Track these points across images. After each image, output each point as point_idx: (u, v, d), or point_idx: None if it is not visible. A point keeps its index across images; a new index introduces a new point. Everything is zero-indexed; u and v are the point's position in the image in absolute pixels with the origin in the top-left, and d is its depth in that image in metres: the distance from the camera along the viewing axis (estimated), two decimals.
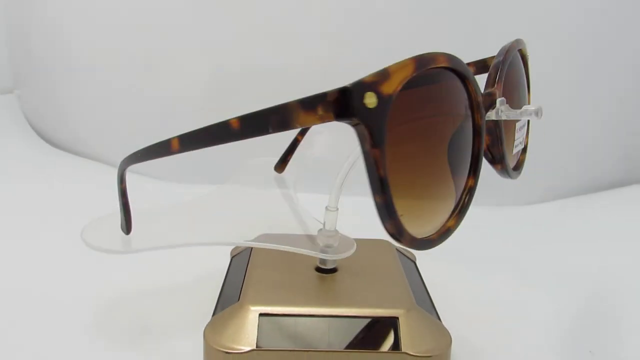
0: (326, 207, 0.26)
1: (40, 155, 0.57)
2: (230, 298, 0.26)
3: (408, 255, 0.32)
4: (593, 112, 0.51)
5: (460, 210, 0.21)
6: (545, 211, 0.49)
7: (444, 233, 0.20)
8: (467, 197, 0.21)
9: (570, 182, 0.52)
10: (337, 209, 0.26)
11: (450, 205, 0.21)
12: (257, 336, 0.23)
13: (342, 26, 0.49)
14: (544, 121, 0.54)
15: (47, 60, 0.58)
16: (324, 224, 0.27)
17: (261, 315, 0.24)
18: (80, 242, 0.26)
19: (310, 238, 0.28)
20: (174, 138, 0.20)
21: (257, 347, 0.23)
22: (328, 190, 0.27)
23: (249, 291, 0.25)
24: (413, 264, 0.32)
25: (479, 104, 0.20)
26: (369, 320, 0.24)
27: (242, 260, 0.30)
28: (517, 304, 0.33)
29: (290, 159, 0.36)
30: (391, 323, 0.24)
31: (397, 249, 0.31)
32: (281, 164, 0.36)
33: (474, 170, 0.21)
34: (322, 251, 0.26)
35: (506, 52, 0.24)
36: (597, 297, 0.34)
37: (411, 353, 0.23)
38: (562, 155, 0.52)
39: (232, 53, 0.51)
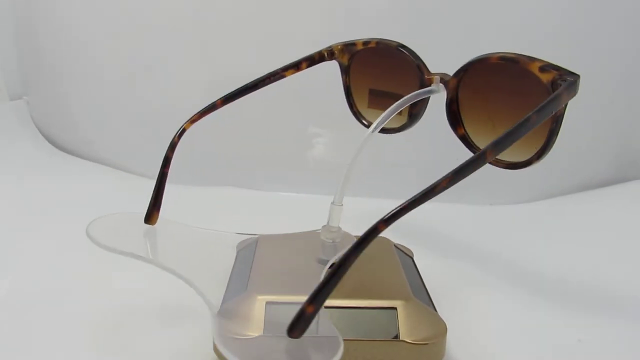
0: (332, 203, 0.28)
1: (47, 159, 0.58)
2: (238, 288, 0.27)
3: (406, 251, 0.34)
4: (583, 112, 0.52)
5: None
6: (537, 209, 0.50)
7: None
8: None
9: (561, 181, 0.53)
10: (342, 205, 0.28)
11: None
12: (264, 323, 0.24)
13: (335, 33, 0.50)
14: None
15: (55, 68, 0.59)
16: (328, 220, 0.28)
17: (268, 303, 0.25)
18: (85, 240, 0.26)
19: (313, 234, 0.29)
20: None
21: (264, 333, 0.24)
22: (326, 192, 0.28)
23: (256, 281, 0.27)
24: (411, 259, 0.33)
25: None
26: (369, 310, 0.25)
27: (248, 254, 0.31)
28: (509, 296, 0.34)
29: (161, 203, 0.30)
30: (390, 313, 0.25)
31: (395, 246, 0.33)
32: (153, 214, 0.30)
33: None
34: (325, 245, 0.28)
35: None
36: (587, 290, 0.36)
37: (409, 341, 0.24)
38: (553, 155, 0.53)
39: (235, 58, 0.52)
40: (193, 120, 0.31)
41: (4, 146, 0.58)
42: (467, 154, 0.23)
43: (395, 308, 0.25)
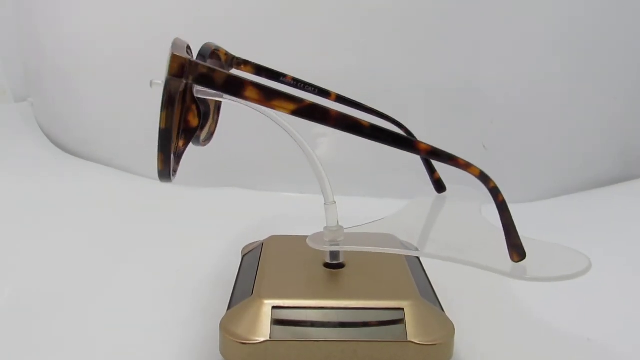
0: (324, 204, 0.27)
1: (51, 160, 0.59)
2: (244, 292, 0.27)
3: (412, 249, 0.33)
4: (590, 111, 0.52)
5: None
6: (544, 208, 0.49)
7: None
8: None
9: (569, 180, 0.53)
10: (334, 202, 0.27)
11: None
12: (271, 328, 0.24)
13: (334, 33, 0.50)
14: (543, 120, 0.55)
15: (59, 70, 0.59)
16: (326, 221, 0.28)
17: (274, 308, 0.25)
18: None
19: (319, 235, 0.29)
20: None
21: (270, 338, 0.24)
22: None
23: (262, 286, 0.27)
24: (417, 258, 0.33)
25: None
26: (376, 311, 0.25)
27: (253, 258, 0.31)
28: (517, 296, 0.34)
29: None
30: (397, 314, 0.25)
31: (401, 243, 0.33)
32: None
33: None
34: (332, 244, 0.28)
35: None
36: (596, 288, 0.35)
37: (416, 342, 0.24)
38: (560, 154, 0.52)
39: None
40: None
41: (8, 147, 0.58)
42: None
43: (402, 309, 0.25)
